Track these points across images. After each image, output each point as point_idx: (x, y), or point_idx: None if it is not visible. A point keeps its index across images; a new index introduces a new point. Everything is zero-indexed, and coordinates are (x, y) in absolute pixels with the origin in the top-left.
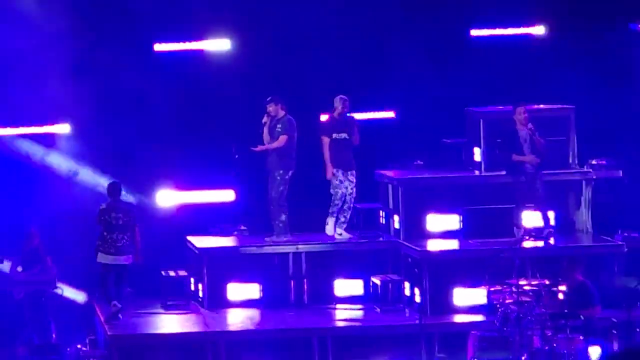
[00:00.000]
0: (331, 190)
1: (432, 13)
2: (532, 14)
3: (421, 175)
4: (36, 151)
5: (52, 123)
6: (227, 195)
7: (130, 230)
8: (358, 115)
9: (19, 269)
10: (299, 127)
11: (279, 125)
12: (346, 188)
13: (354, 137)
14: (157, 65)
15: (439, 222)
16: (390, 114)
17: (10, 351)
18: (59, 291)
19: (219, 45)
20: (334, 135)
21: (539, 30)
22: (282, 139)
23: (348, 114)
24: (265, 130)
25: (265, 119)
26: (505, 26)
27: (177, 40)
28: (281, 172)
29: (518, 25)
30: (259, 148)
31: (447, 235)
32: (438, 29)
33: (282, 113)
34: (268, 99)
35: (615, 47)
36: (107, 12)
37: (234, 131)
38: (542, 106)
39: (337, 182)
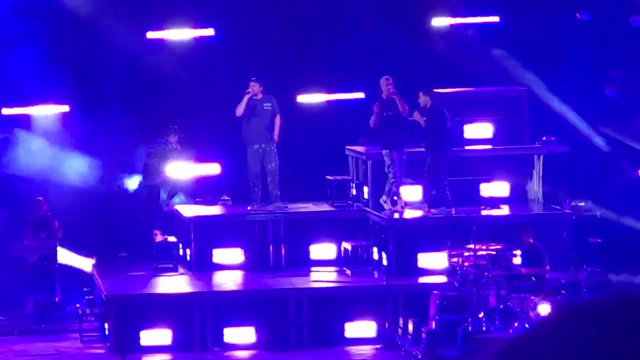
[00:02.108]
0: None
1: (399, 3)
2: (489, 4)
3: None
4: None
5: (52, 103)
6: (213, 169)
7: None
8: (332, 96)
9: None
10: (280, 107)
11: (266, 104)
12: (402, 164)
13: (402, 110)
14: (149, 51)
15: (405, 192)
16: (360, 95)
17: (18, 309)
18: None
19: (204, 33)
20: (384, 114)
21: (494, 19)
22: (279, 118)
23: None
24: (245, 102)
25: (250, 91)
26: (464, 16)
27: (168, 28)
28: (273, 146)
29: (475, 15)
30: (277, 137)
31: (411, 204)
32: (403, 18)
33: (261, 94)
34: (254, 79)
35: (562, 34)
36: (106, 3)
37: (219, 111)
38: (498, 88)
39: (389, 162)
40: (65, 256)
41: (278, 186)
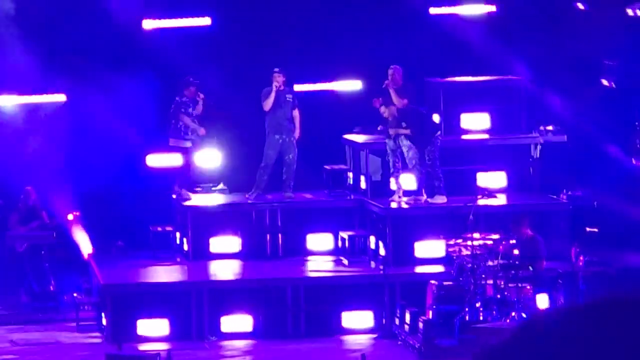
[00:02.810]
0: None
1: None
2: None
3: (383, 139)
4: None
5: (49, 92)
6: (211, 156)
7: None
8: (329, 85)
9: None
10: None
11: (288, 95)
12: (401, 153)
13: (396, 102)
14: (146, 40)
15: (401, 181)
16: (357, 84)
17: (14, 299)
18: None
19: (201, 22)
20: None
21: (491, 8)
22: (297, 112)
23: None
24: (273, 97)
25: (277, 84)
26: (460, 3)
27: (164, 18)
28: (293, 137)
29: (472, 2)
30: (299, 131)
31: (407, 193)
32: (401, 6)
33: (283, 86)
34: (277, 70)
35: (561, 23)
36: None
37: (216, 100)
38: (495, 77)
39: (389, 151)
40: (78, 233)
41: (293, 177)
